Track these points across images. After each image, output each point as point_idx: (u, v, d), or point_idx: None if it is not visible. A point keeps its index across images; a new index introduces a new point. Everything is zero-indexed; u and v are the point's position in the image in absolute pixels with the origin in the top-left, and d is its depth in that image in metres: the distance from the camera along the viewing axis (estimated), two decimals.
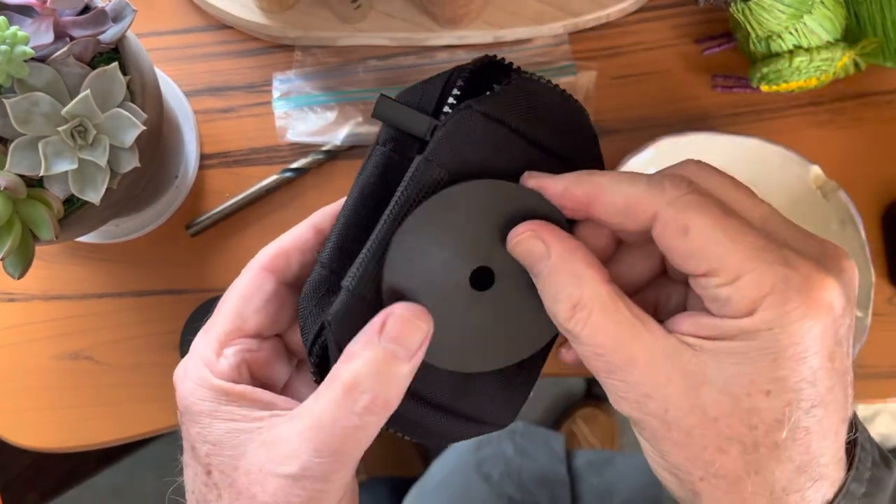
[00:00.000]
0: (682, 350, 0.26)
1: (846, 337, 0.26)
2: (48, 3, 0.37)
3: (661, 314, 0.29)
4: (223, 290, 0.54)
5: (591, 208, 0.28)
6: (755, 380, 0.25)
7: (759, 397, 0.25)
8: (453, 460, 0.78)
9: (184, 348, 0.52)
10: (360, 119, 0.55)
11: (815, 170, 0.50)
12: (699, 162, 0.29)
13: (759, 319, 0.24)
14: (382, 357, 0.27)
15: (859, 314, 0.48)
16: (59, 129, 0.37)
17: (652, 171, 0.51)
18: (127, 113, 0.38)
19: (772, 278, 0.24)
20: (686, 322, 0.27)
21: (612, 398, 0.27)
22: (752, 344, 0.25)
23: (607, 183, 0.27)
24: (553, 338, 0.32)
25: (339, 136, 0.54)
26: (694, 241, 0.25)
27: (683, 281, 0.30)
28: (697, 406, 0.25)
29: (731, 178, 0.28)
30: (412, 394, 0.31)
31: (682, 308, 0.30)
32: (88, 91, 0.37)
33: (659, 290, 0.31)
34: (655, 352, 0.26)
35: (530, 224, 0.28)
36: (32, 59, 0.36)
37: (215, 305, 0.52)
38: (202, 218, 0.53)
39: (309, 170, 0.54)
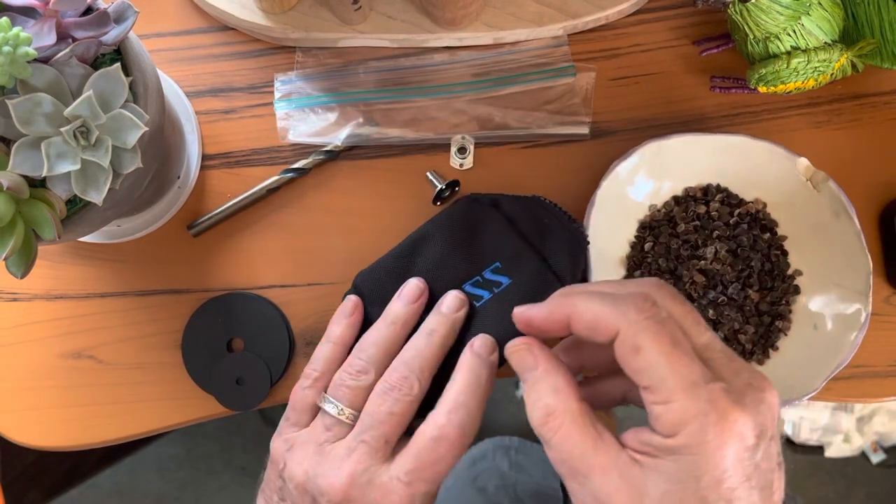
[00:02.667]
0: (631, 465, 0.30)
1: (765, 458, 0.30)
2: (51, 5, 0.37)
3: (627, 400, 0.37)
4: (224, 289, 0.54)
5: (570, 326, 0.33)
6: (683, 497, 0.29)
7: None
8: (450, 477, 0.78)
9: (186, 348, 0.53)
10: (360, 120, 0.55)
11: (803, 161, 0.50)
12: (660, 280, 0.34)
13: (682, 443, 0.29)
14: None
15: (858, 305, 0.48)
16: (62, 129, 0.37)
17: (640, 176, 0.52)
18: (129, 114, 0.39)
19: (694, 411, 0.29)
20: (633, 438, 0.31)
21: (573, 499, 0.32)
22: (680, 465, 0.29)
23: (581, 303, 0.33)
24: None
25: (339, 137, 0.54)
26: (642, 360, 0.30)
27: None
28: None
29: (685, 304, 0.33)
30: None
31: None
32: (91, 92, 0.38)
33: (629, 383, 0.34)
34: (609, 465, 0.30)
35: (526, 339, 0.35)
36: (35, 60, 0.37)
37: (216, 305, 0.53)
38: (204, 218, 0.54)
39: (310, 170, 0.54)
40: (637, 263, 0.52)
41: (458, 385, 0.40)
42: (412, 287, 0.44)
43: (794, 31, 0.48)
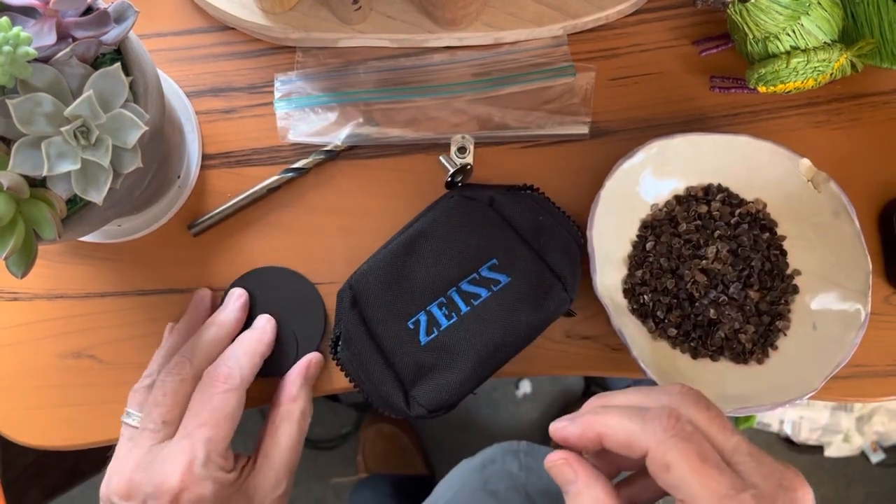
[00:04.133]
0: None
1: None
2: (51, 5, 0.37)
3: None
4: (225, 289, 0.54)
5: (602, 443, 0.35)
6: None
7: None
8: (459, 481, 0.79)
9: None
10: (360, 120, 0.55)
11: (805, 162, 0.50)
12: (685, 387, 0.35)
13: None
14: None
15: (858, 305, 0.48)
16: (62, 129, 0.37)
17: (646, 175, 0.52)
18: (129, 113, 0.39)
19: None
20: None
21: None
22: None
23: (612, 421, 0.35)
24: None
25: (339, 137, 0.55)
26: (672, 477, 0.32)
27: None
28: None
29: (710, 409, 0.34)
30: (373, 334, 0.47)
31: None
32: (91, 92, 0.38)
33: None
34: None
35: (564, 453, 0.36)
36: (35, 59, 0.37)
37: (260, 275, 0.54)
38: (204, 218, 0.54)
39: (310, 170, 0.54)
40: (639, 263, 0.52)
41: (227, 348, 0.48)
42: (202, 293, 0.53)
43: (794, 31, 0.48)
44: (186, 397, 0.45)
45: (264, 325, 0.51)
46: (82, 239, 0.54)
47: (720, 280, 0.51)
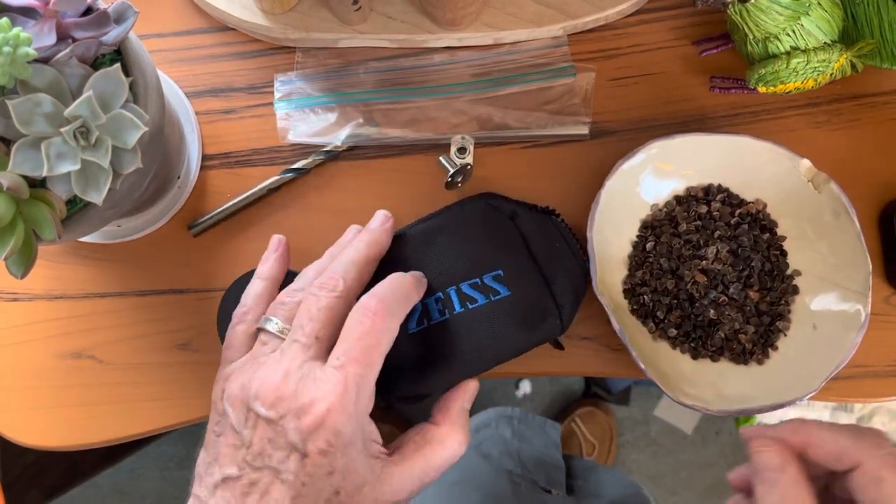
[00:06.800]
0: None
1: None
2: (51, 5, 0.37)
3: None
4: (225, 289, 0.54)
5: (807, 451, 0.37)
6: None
7: None
8: None
9: (222, 310, 0.52)
10: (360, 120, 0.55)
11: (805, 163, 0.50)
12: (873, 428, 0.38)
13: None
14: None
15: (858, 306, 0.48)
16: (62, 129, 0.37)
17: (646, 175, 0.52)
18: (129, 114, 0.39)
19: None
20: None
21: None
22: None
23: (822, 433, 0.37)
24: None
25: (339, 137, 0.55)
26: (884, 490, 0.34)
27: None
28: None
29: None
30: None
31: None
32: (91, 92, 0.38)
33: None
34: None
35: (777, 441, 0.37)
36: (35, 60, 0.37)
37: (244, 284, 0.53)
38: (204, 218, 0.54)
39: (310, 170, 0.54)
40: (639, 263, 0.52)
41: (382, 281, 0.42)
42: (353, 228, 0.48)
43: (794, 32, 0.48)
44: (339, 317, 0.41)
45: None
46: (82, 239, 0.54)
47: (720, 280, 0.51)
